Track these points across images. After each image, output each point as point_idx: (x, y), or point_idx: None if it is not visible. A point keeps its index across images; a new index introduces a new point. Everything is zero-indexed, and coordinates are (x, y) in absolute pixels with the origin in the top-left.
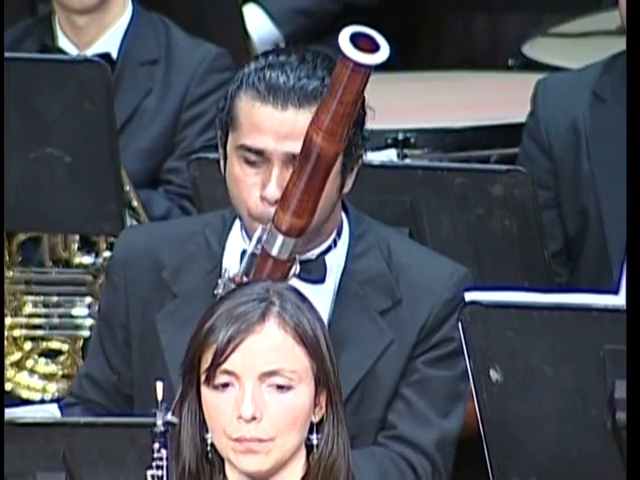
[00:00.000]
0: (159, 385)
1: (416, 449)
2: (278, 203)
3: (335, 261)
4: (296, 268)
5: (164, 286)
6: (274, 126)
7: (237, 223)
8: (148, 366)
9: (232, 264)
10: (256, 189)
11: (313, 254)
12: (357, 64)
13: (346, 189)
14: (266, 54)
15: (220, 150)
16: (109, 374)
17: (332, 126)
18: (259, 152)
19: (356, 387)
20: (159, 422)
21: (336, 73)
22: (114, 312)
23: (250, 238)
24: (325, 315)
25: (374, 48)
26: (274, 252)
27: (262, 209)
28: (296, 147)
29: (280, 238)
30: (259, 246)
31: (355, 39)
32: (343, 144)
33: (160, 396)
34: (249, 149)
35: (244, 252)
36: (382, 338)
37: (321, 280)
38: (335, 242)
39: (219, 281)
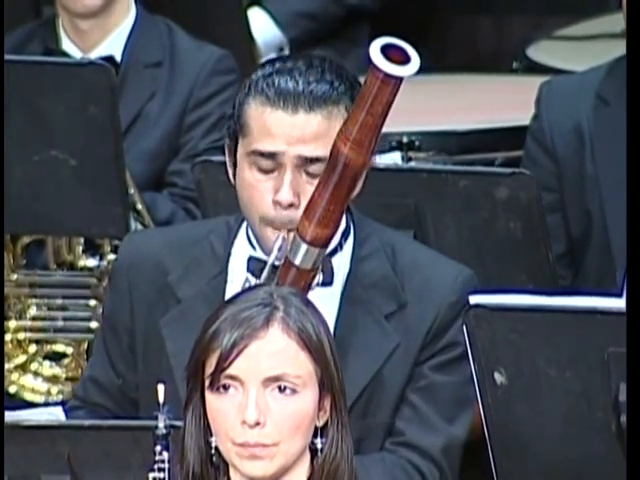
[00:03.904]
0: (160, 388)
1: (424, 455)
2: (303, 212)
3: (341, 264)
4: (319, 278)
5: (168, 291)
6: (285, 130)
7: (243, 229)
8: (153, 370)
9: (238, 270)
10: (269, 194)
11: None
12: (387, 75)
13: (355, 192)
14: (272, 61)
15: (228, 158)
16: (114, 378)
17: (360, 137)
18: (271, 156)
19: (363, 391)
20: (161, 425)
21: (366, 84)
22: (118, 316)
23: (260, 245)
24: (332, 318)
25: (405, 60)
26: (297, 261)
27: (275, 213)
28: (308, 150)
29: (304, 247)
30: (279, 256)
31: (386, 50)
32: (370, 155)
33: (162, 399)
34: (261, 154)
35: (251, 258)
36: (388, 342)
37: (329, 282)
38: (341, 245)
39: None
